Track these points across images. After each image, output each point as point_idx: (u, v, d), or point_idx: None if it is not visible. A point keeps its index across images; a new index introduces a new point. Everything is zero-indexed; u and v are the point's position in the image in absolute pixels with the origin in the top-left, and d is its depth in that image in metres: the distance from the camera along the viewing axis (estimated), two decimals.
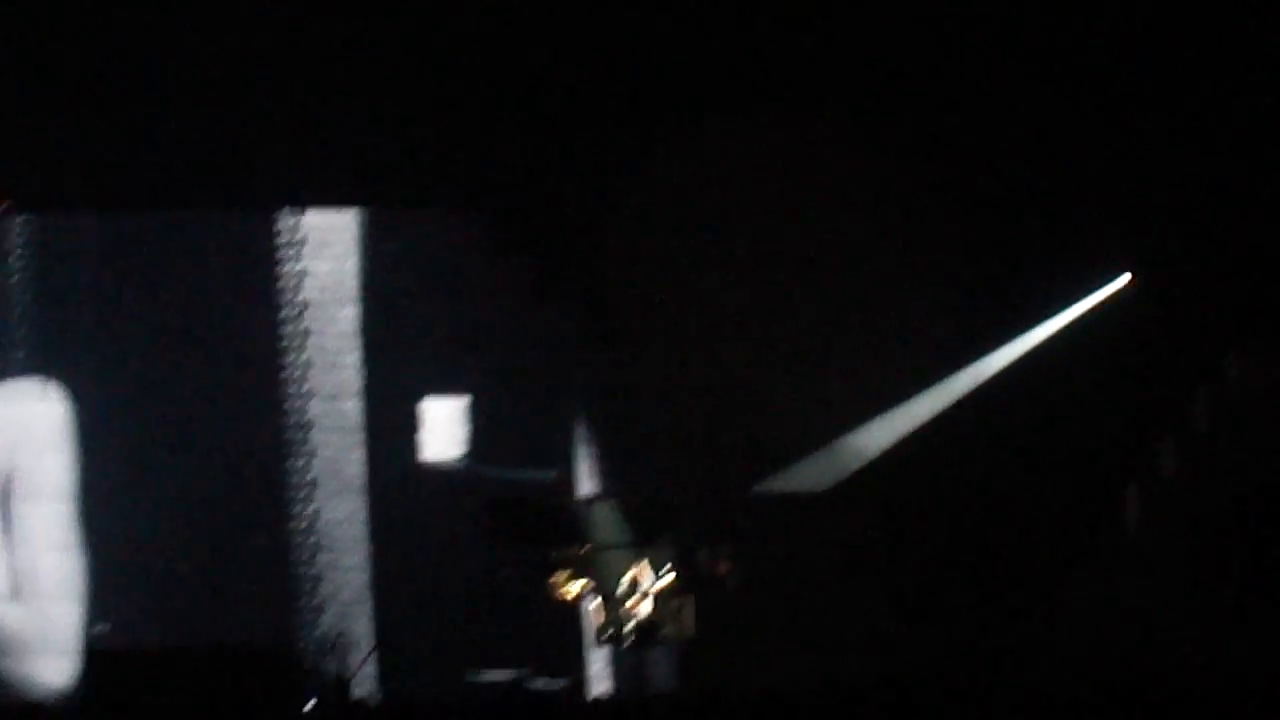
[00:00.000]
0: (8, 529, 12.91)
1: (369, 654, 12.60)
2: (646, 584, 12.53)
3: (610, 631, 12.51)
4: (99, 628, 12.71)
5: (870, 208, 12.50)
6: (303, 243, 13.31)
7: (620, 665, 12.74)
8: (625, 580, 12.51)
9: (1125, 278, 12.92)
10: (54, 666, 12.52)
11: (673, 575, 12.47)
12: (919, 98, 12.37)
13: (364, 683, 12.41)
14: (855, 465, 12.82)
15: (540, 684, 12.39)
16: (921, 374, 12.84)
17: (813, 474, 12.80)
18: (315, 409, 13.15)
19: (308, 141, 12.77)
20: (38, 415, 13.01)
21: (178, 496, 12.88)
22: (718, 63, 12.39)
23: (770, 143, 12.41)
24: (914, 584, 12.25)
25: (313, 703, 10.98)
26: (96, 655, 11.72)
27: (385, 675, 12.60)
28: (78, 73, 12.19)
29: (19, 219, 13.29)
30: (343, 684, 11.83)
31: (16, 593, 12.83)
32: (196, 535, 12.83)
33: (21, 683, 12.52)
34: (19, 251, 13.23)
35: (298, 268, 13.29)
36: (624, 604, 12.47)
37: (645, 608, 12.44)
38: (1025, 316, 12.94)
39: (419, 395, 13.22)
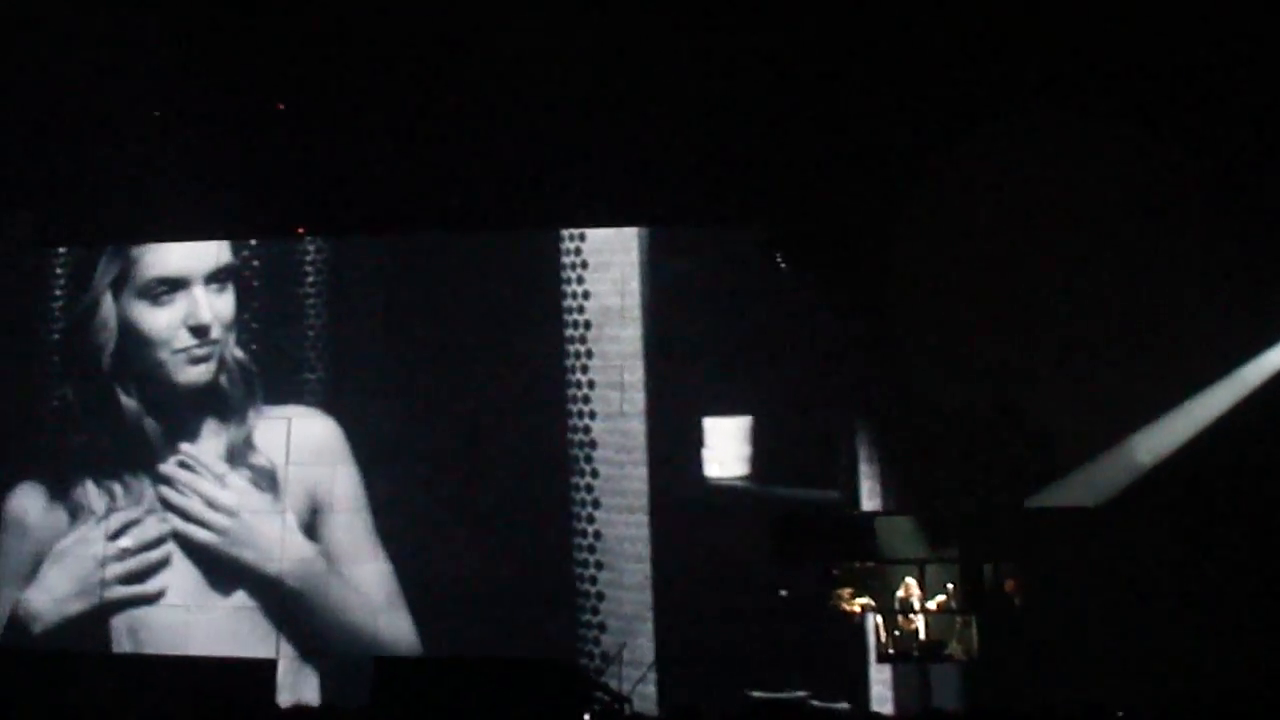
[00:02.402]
0: (317, 542, 13.43)
1: (649, 670, 12.61)
2: (925, 601, 12.24)
3: (893, 649, 12.25)
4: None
5: (1146, 203, 11.99)
6: (585, 263, 13.48)
7: (904, 683, 12.43)
8: (904, 596, 12.26)
9: None
10: (351, 672, 12.89)
11: (951, 591, 12.16)
12: (1195, 90, 11.81)
13: (644, 699, 12.42)
14: (1143, 472, 12.27)
15: (822, 702, 12.22)
16: (1206, 371, 12.24)
17: (1099, 484, 12.31)
18: (599, 428, 13.27)
19: (590, 162, 12.91)
20: (333, 432, 13.54)
21: (465, 513, 13.20)
22: (999, 65, 12.05)
23: (1044, 145, 12.03)
24: (1210, 598, 11.63)
25: (593, 717, 11.04)
26: (387, 663, 12.01)
27: (665, 692, 12.58)
28: (363, 101, 12.60)
29: (311, 243, 13.87)
30: (623, 699, 11.91)
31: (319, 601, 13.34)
32: (483, 551, 13.10)
33: (322, 687, 13.00)
34: (312, 274, 13.82)
35: (581, 288, 13.46)
36: (905, 620, 12.20)
37: (925, 624, 12.16)
38: None
39: (701, 413, 13.21)
